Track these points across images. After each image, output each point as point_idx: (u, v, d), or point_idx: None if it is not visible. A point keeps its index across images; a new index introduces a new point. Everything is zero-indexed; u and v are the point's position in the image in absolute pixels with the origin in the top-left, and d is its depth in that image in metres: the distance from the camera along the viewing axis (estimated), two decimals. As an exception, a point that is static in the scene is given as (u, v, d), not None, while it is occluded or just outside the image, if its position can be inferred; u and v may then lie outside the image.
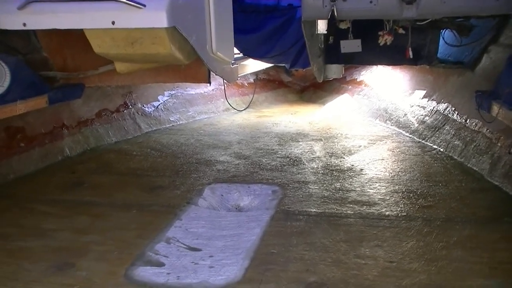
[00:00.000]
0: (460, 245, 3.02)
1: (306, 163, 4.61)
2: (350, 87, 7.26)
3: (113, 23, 3.52)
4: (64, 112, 5.01)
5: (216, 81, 6.51)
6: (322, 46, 4.57)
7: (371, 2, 3.69)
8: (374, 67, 6.83)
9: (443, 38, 4.85)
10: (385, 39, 4.37)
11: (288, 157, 4.82)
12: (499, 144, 4.13)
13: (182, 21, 3.67)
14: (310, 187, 4.03)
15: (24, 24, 3.61)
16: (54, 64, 4.53)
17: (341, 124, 6.14)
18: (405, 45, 4.48)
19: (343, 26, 4.21)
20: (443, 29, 4.69)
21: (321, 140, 5.44)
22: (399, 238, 3.14)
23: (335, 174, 4.32)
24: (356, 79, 7.24)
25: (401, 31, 4.38)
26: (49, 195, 3.98)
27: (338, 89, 7.45)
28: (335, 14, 3.73)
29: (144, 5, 3.43)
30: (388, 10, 3.74)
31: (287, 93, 8.00)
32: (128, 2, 3.41)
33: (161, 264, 2.91)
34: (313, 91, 7.92)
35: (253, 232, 3.26)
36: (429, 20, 4.05)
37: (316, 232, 3.24)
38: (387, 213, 3.52)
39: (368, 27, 4.32)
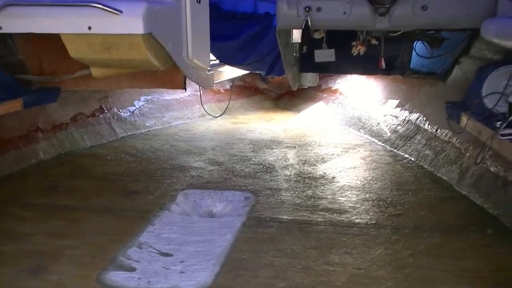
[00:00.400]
0: (427, 253, 3.09)
1: (279, 170, 4.66)
2: (325, 95, 7.33)
3: (89, 28, 3.54)
4: (40, 115, 4.99)
5: (192, 87, 6.55)
6: (297, 54, 4.63)
7: (344, 13, 3.76)
8: (349, 76, 6.91)
9: (415, 50, 4.94)
10: (358, 49, 4.45)
11: (261, 164, 4.87)
12: (467, 155, 4.22)
13: (158, 28, 3.70)
14: (282, 194, 4.08)
15: (0, 28, 3.61)
16: (30, 67, 4.52)
17: (315, 132, 6.21)
18: (378, 56, 4.56)
19: (317, 35, 4.29)
20: (415, 41, 4.78)
21: (295, 147, 5.50)
22: (367, 246, 3.20)
23: (308, 181, 4.38)
24: (331, 87, 7.32)
25: (374, 41, 4.46)
26: (23, 199, 3.98)
27: (313, 97, 7.52)
28: (309, 24, 3.80)
29: (121, 11, 3.45)
30: (361, 21, 3.82)
31: (262, 100, 8.05)
32: (104, 8, 3.42)
33: (132, 269, 2.93)
34: (288, 98, 7.98)
35: (224, 238, 3.29)
36: (401, 32, 4.15)
37: (287, 239, 3.28)
38: (357, 220, 3.58)
39: (342, 37, 4.39)
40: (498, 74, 3.59)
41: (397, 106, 5.76)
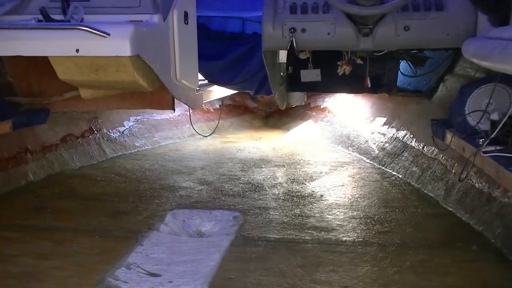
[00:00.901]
0: (413, 270, 3.12)
1: (267, 189, 4.69)
2: (314, 113, 7.38)
3: (77, 51, 3.59)
4: (28, 137, 5.01)
5: (182, 107, 6.58)
6: (284, 74, 4.69)
7: (329, 33, 3.84)
8: (338, 94, 6.97)
9: (399, 69, 5.01)
10: (343, 69, 4.52)
11: (250, 183, 4.90)
12: (453, 171, 4.28)
13: (146, 49, 3.76)
14: (270, 213, 4.11)
15: (-12, 51, 3.67)
16: (18, 89, 4.55)
17: (304, 150, 6.25)
18: (364, 75, 4.63)
19: (303, 56, 4.35)
20: (400, 60, 4.85)
21: (284, 166, 5.54)
22: (354, 263, 3.22)
23: (296, 200, 4.41)
24: (320, 105, 7.37)
25: (359, 61, 4.53)
26: (11, 220, 3.98)
27: (302, 115, 7.57)
28: (295, 44, 3.87)
29: (109, 34, 3.51)
30: (346, 42, 3.89)
31: (252, 119, 8.09)
32: (92, 31, 3.48)
33: (120, 290, 2.95)
34: (278, 117, 8.02)
35: (212, 257, 3.31)
36: (385, 51, 4.22)
37: (274, 257, 3.31)
38: (344, 238, 3.61)
39: (327, 57, 4.46)
40: (480, 92, 3.66)
41: (385, 123, 5.82)
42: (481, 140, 3.40)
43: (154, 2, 3.95)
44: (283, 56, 4.21)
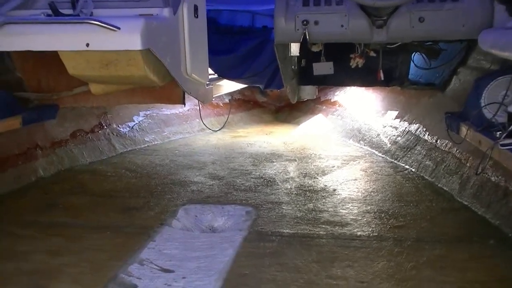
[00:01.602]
0: (430, 265, 3.07)
1: (280, 184, 4.65)
2: (324, 107, 7.33)
3: (87, 45, 3.55)
4: (38, 133, 4.99)
5: (191, 102, 6.53)
6: (296, 68, 4.64)
7: (342, 26, 3.79)
8: (348, 88, 6.91)
9: (413, 61, 4.95)
10: (356, 61, 4.47)
11: (262, 177, 4.86)
12: (468, 165, 4.22)
13: (157, 43, 3.72)
14: (283, 207, 4.07)
15: (-2, 46, 3.63)
16: (28, 85, 4.52)
17: (315, 144, 6.20)
18: (377, 67, 4.58)
19: (315, 49, 4.30)
20: (413, 52, 4.79)
21: (295, 160, 5.49)
22: (370, 259, 3.18)
23: (308, 194, 4.37)
24: (330, 99, 7.32)
25: (372, 53, 4.48)
26: (22, 217, 3.95)
27: (312, 109, 7.52)
28: (307, 37, 3.82)
29: (119, 28, 3.46)
30: (359, 34, 3.84)
31: (262, 113, 8.05)
32: (102, 24, 3.44)
33: (134, 286, 2.91)
34: (288, 111, 7.98)
35: (226, 253, 3.27)
36: (399, 44, 4.16)
37: (289, 253, 3.27)
38: (359, 233, 3.56)
39: (340, 50, 4.41)
40: (497, 84, 3.60)
41: (397, 117, 5.76)
42: (498, 132, 3.33)
43: (164, -5, 3.91)
44: (295, 49, 4.17)
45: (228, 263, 3.14)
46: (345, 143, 6.21)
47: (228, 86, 6.24)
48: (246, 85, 6.54)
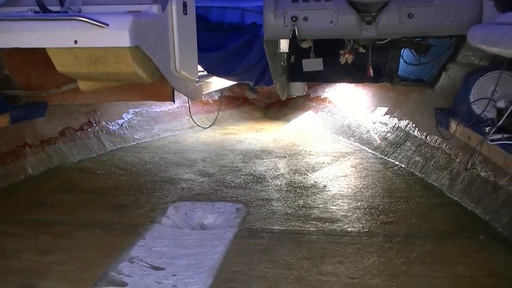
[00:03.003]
0: (420, 260, 3.08)
1: (270, 181, 4.65)
2: (314, 104, 7.34)
3: (75, 42, 3.52)
4: (27, 130, 4.95)
5: (181, 99, 6.51)
6: (285, 64, 4.63)
7: (331, 22, 3.78)
8: (338, 84, 6.92)
9: (402, 57, 4.95)
10: (346, 57, 4.45)
11: (252, 174, 4.85)
12: (457, 160, 4.23)
13: (145, 40, 3.70)
14: (273, 204, 4.06)
15: (-15, 43, 3.60)
16: (16, 82, 4.48)
17: (305, 141, 6.20)
18: (366, 64, 4.58)
19: (304, 45, 4.29)
20: (402, 48, 4.80)
21: (285, 157, 5.49)
22: (360, 254, 3.18)
23: (299, 191, 4.36)
24: (320, 96, 7.33)
25: (361, 50, 4.47)
26: (11, 215, 3.93)
27: (302, 106, 7.53)
28: (297, 33, 3.81)
29: (107, 24, 3.44)
30: (348, 30, 3.84)
31: (252, 110, 8.04)
32: (91, 21, 3.41)
33: (124, 284, 2.89)
34: (277, 108, 7.98)
35: (216, 250, 3.27)
36: (388, 40, 4.16)
37: (279, 249, 3.26)
38: (349, 229, 3.56)
39: (329, 46, 4.40)
40: (486, 80, 3.61)
41: (386, 113, 5.77)
42: (487, 128, 3.35)
43: (153, -8, 3.88)
44: (284, 45, 4.16)
45: (218, 260, 3.13)
46: (335, 139, 6.22)
47: (218, 83, 6.22)
48: (235, 82, 6.53)
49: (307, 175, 4.81)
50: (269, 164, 5.20)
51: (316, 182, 4.60)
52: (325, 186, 4.48)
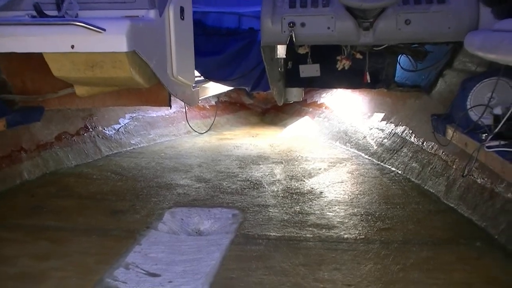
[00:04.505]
0: (417, 267, 3.07)
1: (266, 186, 4.64)
2: (311, 109, 7.34)
3: (72, 47, 3.52)
4: (23, 135, 4.94)
5: (178, 104, 6.51)
6: (282, 70, 4.62)
7: (328, 28, 3.78)
8: (334, 90, 6.92)
9: (399, 63, 4.96)
10: (343, 63, 4.45)
11: (248, 180, 4.84)
12: (454, 167, 4.23)
13: (142, 45, 3.69)
14: (270, 210, 4.05)
15: (-18, 48, 3.59)
16: (13, 87, 4.48)
17: (301, 146, 6.20)
18: (363, 69, 4.58)
19: (302, 51, 4.28)
20: (399, 54, 4.80)
21: (282, 163, 5.49)
22: (357, 261, 3.17)
23: (295, 197, 4.36)
24: (317, 101, 7.33)
25: (358, 55, 4.47)
26: (7, 220, 3.91)
27: (299, 112, 7.53)
28: (294, 39, 3.81)
29: (104, 29, 3.44)
30: (346, 36, 3.83)
31: (248, 115, 8.04)
32: (88, 26, 3.41)
33: (119, 290, 2.89)
34: (274, 113, 7.98)
35: (212, 256, 3.25)
36: (385, 46, 4.16)
37: (276, 256, 3.25)
38: (345, 236, 3.56)
39: (326, 52, 4.40)
40: (482, 86, 3.62)
41: (383, 119, 5.77)
42: (484, 134, 3.35)
43: (150, -3, 3.88)
44: (281, 51, 4.15)
45: (215, 266, 3.12)
46: (332, 145, 6.22)
47: (215, 88, 6.22)
48: (232, 87, 6.53)
49: (304, 181, 4.80)
50: (266, 170, 5.19)
51: (312, 188, 4.59)
52: (321, 192, 4.47)
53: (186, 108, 6.73)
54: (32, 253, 3.34)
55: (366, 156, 5.57)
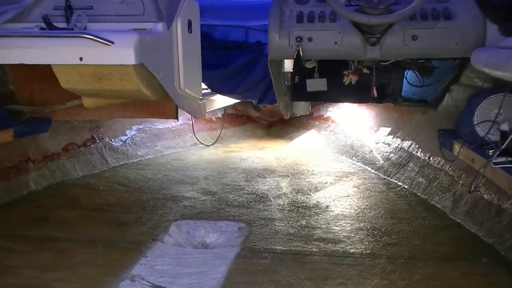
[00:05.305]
0: (423, 283, 3.06)
1: (272, 200, 4.64)
2: (317, 123, 7.34)
3: (80, 59, 3.55)
4: (30, 146, 4.96)
5: (184, 116, 6.51)
6: (289, 83, 4.64)
7: (336, 43, 3.79)
8: (341, 104, 6.93)
9: (406, 78, 4.97)
10: (350, 78, 4.46)
11: (254, 193, 4.84)
12: (460, 182, 4.22)
13: (150, 58, 3.72)
14: (276, 224, 4.05)
15: (-9, 59, 3.62)
16: (21, 97, 4.51)
17: (308, 160, 6.20)
18: (370, 84, 4.59)
19: (309, 65, 4.29)
20: (406, 69, 4.81)
21: (288, 176, 5.49)
22: (363, 276, 3.16)
23: (301, 211, 4.35)
24: (323, 115, 7.33)
25: (365, 70, 4.48)
26: (13, 231, 3.92)
27: (305, 125, 7.53)
28: (301, 54, 3.82)
29: (113, 42, 3.47)
30: (353, 51, 3.84)
31: (255, 128, 8.04)
32: (96, 39, 3.44)
33: (125, 303, 2.89)
34: (280, 126, 7.98)
35: (218, 269, 3.25)
36: (392, 61, 4.18)
37: (281, 270, 3.25)
38: (352, 250, 3.55)
39: (333, 67, 4.41)
40: (489, 103, 3.61)
41: (389, 133, 5.77)
42: (491, 151, 3.34)
43: (158, 10, 3.91)
44: (288, 65, 4.16)
45: (220, 279, 3.12)
46: (338, 159, 6.21)
47: (221, 100, 6.22)
48: (239, 100, 6.54)
49: (310, 194, 4.80)
50: (272, 183, 5.19)
51: (318, 202, 4.59)
52: (327, 206, 4.46)
53: (193, 120, 6.74)
54: (37, 264, 3.35)
55: (372, 170, 5.56)
